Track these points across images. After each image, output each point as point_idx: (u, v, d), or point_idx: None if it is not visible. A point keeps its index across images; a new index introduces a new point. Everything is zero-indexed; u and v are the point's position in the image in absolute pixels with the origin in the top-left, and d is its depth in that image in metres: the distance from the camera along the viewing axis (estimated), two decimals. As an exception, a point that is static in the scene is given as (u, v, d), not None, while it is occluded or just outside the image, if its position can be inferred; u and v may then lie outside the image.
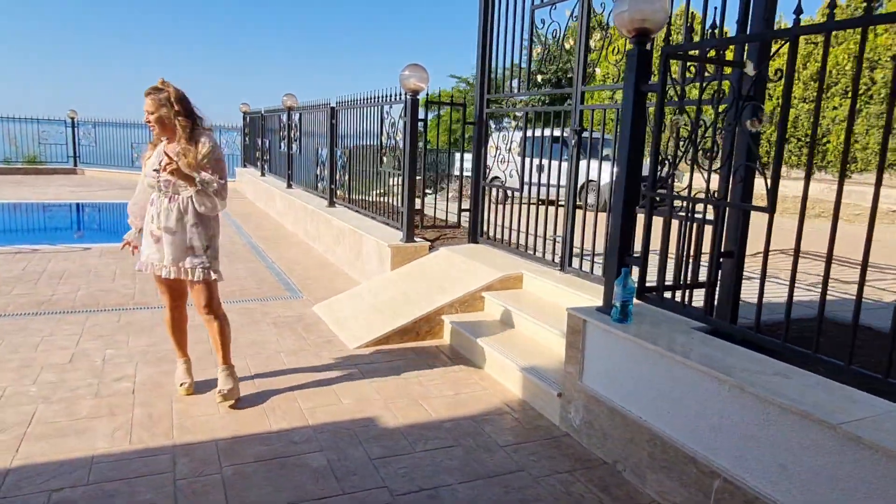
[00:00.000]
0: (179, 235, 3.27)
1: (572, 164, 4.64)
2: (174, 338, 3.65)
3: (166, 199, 3.26)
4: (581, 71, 4.51)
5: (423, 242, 5.79)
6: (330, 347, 4.43)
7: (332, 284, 6.25)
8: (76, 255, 7.00)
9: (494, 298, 4.68)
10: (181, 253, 3.29)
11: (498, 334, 4.30)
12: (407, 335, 4.57)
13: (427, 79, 5.43)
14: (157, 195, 3.28)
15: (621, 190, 3.05)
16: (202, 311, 3.45)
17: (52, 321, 4.72)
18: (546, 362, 3.80)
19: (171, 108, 3.20)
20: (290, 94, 10.22)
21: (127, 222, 3.60)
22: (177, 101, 3.21)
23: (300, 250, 7.98)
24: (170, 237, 3.26)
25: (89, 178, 16.23)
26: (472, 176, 5.92)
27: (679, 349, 2.66)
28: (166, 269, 3.31)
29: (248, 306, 5.39)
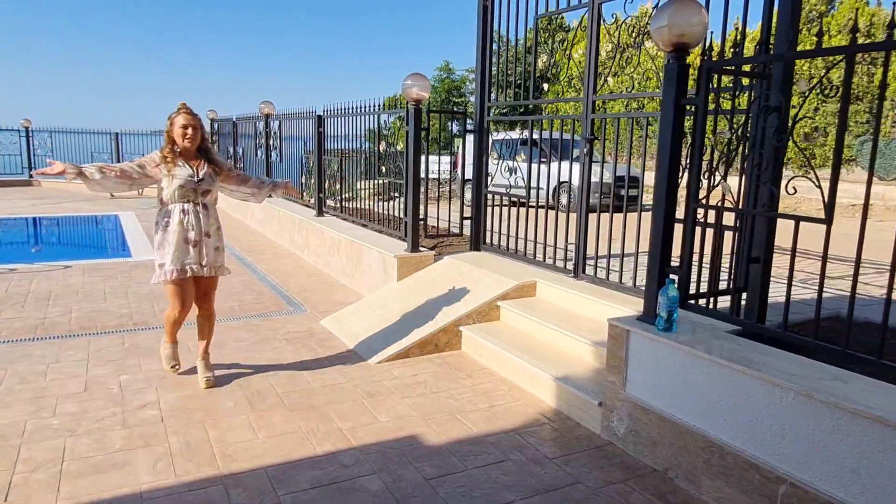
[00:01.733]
0: (213, 238, 3.81)
1: (585, 171, 4.70)
2: (174, 329, 4.01)
3: (202, 207, 3.75)
4: (592, 80, 4.57)
5: (429, 252, 5.76)
6: (350, 363, 4.37)
7: (333, 296, 6.17)
8: (57, 275, 6.71)
9: (510, 307, 4.70)
10: (213, 253, 3.80)
11: (520, 343, 4.31)
12: (426, 347, 4.55)
13: (429, 88, 5.42)
14: (191, 205, 3.72)
15: (661, 201, 3.10)
16: (209, 304, 3.96)
17: (53, 347, 4.52)
18: (577, 371, 3.83)
19: (203, 130, 3.85)
20: (267, 102, 10.03)
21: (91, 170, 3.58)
22: (203, 125, 3.86)
23: (290, 261, 7.85)
24: (207, 240, 3.77)
25: (48, 189, 15.58)
26: (472, 183, 5.93)
27: (735, 357, 2.72)
28: (206, 268, 3.77)
29: (254, 322, 5.27)
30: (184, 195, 3.67)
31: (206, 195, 3.77)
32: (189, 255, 3.70)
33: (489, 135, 5.83)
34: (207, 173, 3.78)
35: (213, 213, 3.83)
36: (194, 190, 3.70)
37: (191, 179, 3.69)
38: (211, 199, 3.84)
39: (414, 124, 5.47)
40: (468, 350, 4.62)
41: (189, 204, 3.70)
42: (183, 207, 3.69)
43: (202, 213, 3.74)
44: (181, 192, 3.66)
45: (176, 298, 3.77)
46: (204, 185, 3.74)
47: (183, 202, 3.69)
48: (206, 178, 3.77)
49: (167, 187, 3.68)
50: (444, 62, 27.57)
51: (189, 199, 3.69)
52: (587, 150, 4.65)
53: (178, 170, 3.69)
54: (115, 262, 7.41)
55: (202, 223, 3.73)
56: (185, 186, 3.66)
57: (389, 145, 6.42)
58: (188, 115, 3.69)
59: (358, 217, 7.47)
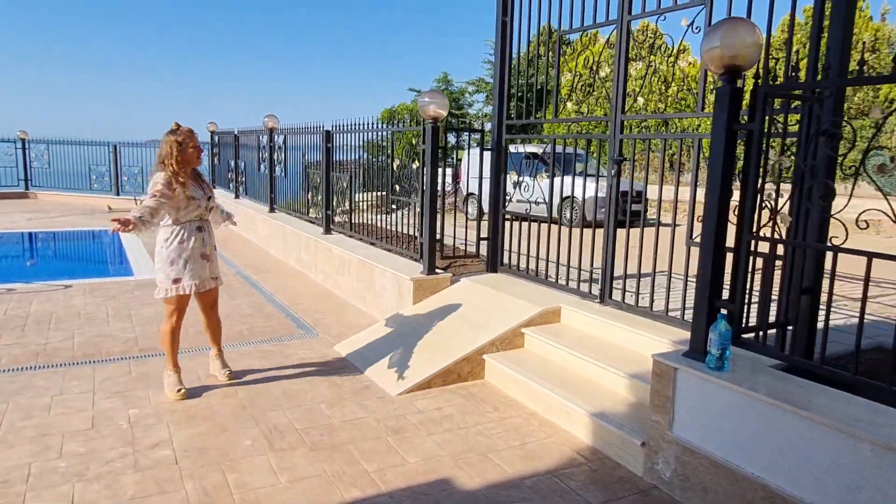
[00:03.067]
0: (216, 251, 4.15)
1: (611, 193, 4.53)
2: (174, 348, 4.07)
3: (208, 223, 4.06)
4: (621, 100, 4.41)
5: (445, 274, 5.57)
6: (370, 395, 4.16)
7: (344, 319, 5.97)
8: (58, 295, 6.49)
9: (535, 334, 4.51)
10: (216, 265, 4.12)
11: (548, 374, 4.12)
12: (449, 377, 4.35)
13: (447, 105, 5.25)
14: (203, 223, 3.99)
15: (712, 231, 2.93)
16: (215, 313, 4.27)
17: (56, 376, 4.30)
18: (613, 405, 3.64)
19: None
20: (271, 115, 9.86)
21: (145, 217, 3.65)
22: None
23: (297, 281, 7.64)
24: (214, 252, 4.11)
25: (44, 202, 15.34)
26: (490, 203, 5.75)
27: (798, 401, 2.54)
28: (214, 280, 4.09)
29: (265, 348, 5.06)
30: (200, 214, 3.96)
31: (211, 211, 4.09)
32: (205, 269, 3.99)
33: (507, 153, 5.66)
34: (211, 191, 4.13)
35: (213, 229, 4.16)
36: (207, 209, 4.01)
37: (205, 198, 3.98)
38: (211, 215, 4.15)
39: (431, 142, 5.30)
40: (492, 380, 4.42)
41: (202, 222, 3.99)
42: (198, 225, 3.96)
43: (208, 228, 4.06)
44: (199, 211, 3.94)
45: (179, 309, 3.99)
46: (211, 202, 4.06)
47: (196, 220, 3.95)
48: (212, 195, 4.11)
49: (184, 208, 3.86)
50: (442, 74, 27.45)
51: (202, 217, 3.99)
52: (615, 171, 4.48)
53: (193, 191, 3.91)
54: (116, 282, 7.19)
55: (213, 237, 4.10)
56: (202, 206, 3.95)
57: (402, 163, 6.24)
58: (195, 136, 3.94)
59: (365, 234, 7.28)
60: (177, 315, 4.00)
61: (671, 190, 11.98)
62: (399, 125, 6.56)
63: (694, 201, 3.94)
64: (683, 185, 13.01)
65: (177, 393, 3.98)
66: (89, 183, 15.88)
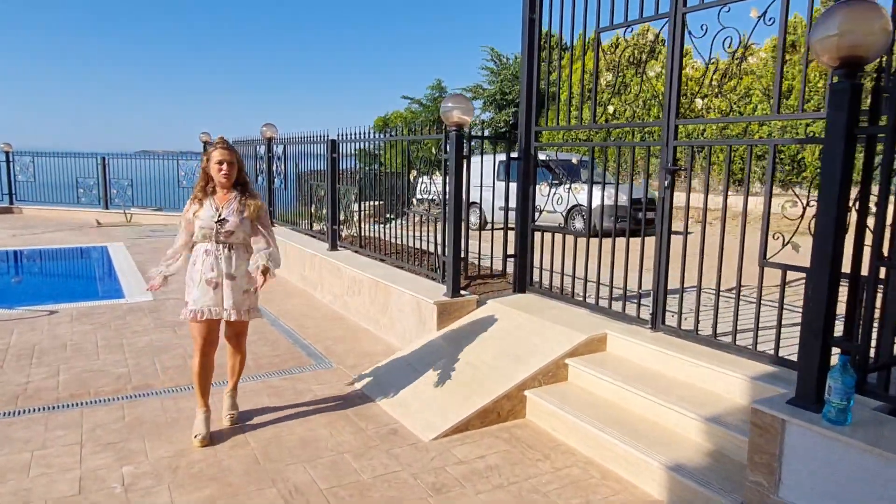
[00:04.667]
0: (238, 281, 3.59)
1: (665, 206, 4.04)
2: (202, 386, 3.67)
3: (225, 248, 3.55)
4: (675, 102, 3.93)
5: (471, 296, 5.06)
6: (400, 441, 3.64)
7: (359, 346, 5.44)
8: (42, 323, 5.92)
9: (580, 366, 4.01)
10: (239, 297, 3.60)
11: (601, 413, 3.62)
12: (487, 417, 3.84)
13: (472, 111, 4.76)
14: (213, 245, 3.54)
15: (826, 257, 2.44)
16: (237, 345, 3.82)
17: (38, 424, 3.75)
18: (690, 456, 3.14)
19: (239, 163, 3.64)
20: (269, 125, 9.34)
21: (162, 269, 3.65)
22: (240, 158, 3.68)
23: (302, 301, 7.10)
24: (231, 283, 3.56)
25: (29, 217, 14.70)
26: (517, 217, 5.26)
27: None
28: (227, 312, 3.57)
29: (274, 383, 4.53)
30: (206, 235, 3.54)
31: (229, 236, 3.55)
32: (209, 296, 3.53)
33: (537, 162, 5.17)
34: (234, 213, 3.56)
35: (241, 255, 3.62)
36: (215, 231, 3.52)
37: (211, 220, 3.53)
38: (238, 240, 3.59)
39: (455, 151, 4.80)
40: (536, 419, 3.91)
41: (212, 244, 3.55)
42: (206, 248, 3.56)
43: (225, 254, 3.56)
44: (203, 233, 3.54)
45: (198, 337, 3.59)
46: (227, 225, 3.53)
47: (206, 242, 3.56)
48: (231, 218, 3.55)
49: (196, 230, 3.57)
50: (435, 81, 26.97)
51: (211, 239, 3.54)
52: (668, 182, 4.00)
53: (203, 210, 3.56)
54: (107, 305, 6.62)
55: (223, 265, 3.55)
56: (205, 227, 3.53)
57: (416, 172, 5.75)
58: (224, 150, 3.55)
59: (373, 250, 6.77)
60: (197, 345, 3.58)
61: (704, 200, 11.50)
62: (406, 133, 6.07)
63: (768, 214, 3.46)
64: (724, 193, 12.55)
65: (194, 439, 3.53)
66: (77, 197, 15.25)
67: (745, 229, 3.63)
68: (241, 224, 3.55)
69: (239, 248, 3.60)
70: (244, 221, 3.57)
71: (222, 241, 3.54)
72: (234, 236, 3.55)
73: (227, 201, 3.58)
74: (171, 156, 15.42)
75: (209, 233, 3.51)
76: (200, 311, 3.52)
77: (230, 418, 3.81)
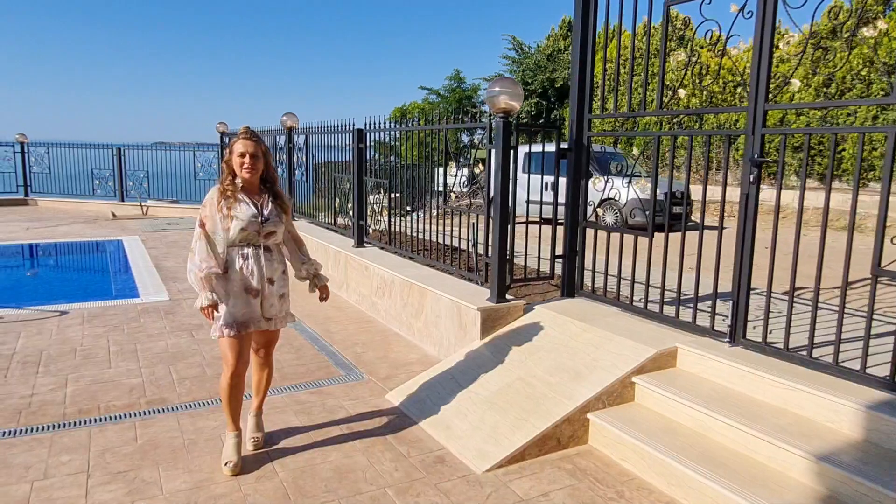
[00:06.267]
0: (277, 285, 3.23)
1: (749, 203, 3.53)
2: (232, 407, 3.22)
3: (263, 250, 3.15)
4: (764, 84, 3.41)
5: (518, 302, 4.58)
6: (448, 471, 3.18)
7: (391, 354, 4.98)
8: (51, 324, 5.53)
9: (650, 385, 3.53)
10: (278, 302, 3.24)
11: (681, 443, 3.14)
12: (546, 444, 3.37)
13: (521, 96, 4.27)
14: (252, 249, 3.12)
15: None
16: (266, 357, 3.42)
17: (41, 446, 3.34)
18: (799, 501, 2.65)
19: (266, 157, 3.19)
20: (290, 114, 8.88)
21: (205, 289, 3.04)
22: (267, 151, 3.21)
23: (327, 302, 6.63)
24: (271, 287, 3.19)
25: (44, 209, 14.41)
26: (566, 214, 4.76)
27: None
28: (271, 321, 3.22)
29: (301, 398, 4.09)
30: (246, 238, 3.11)
31: (269, 237, 3.17)
32: (250, 307, 3.13)
33: (589, 154, 4.66)
34: (273, 211, 3.18)
35: (276, 256, 3.25)
36: (258, 232, 3.12)
37: (255, 220, 3.10)
38: (275, 240, 3.23)
39: (503, 141, 4.31)
40: (601, 446, 3.43)
41: (250, 248, 3.14)
42: (243, 252, 3.13)
43: (264, 256, 3.16)
44: (243, 234, 3.09)
45: (231, 353, 3.11)
46: (269, 225, 3.15)
47: (243, 246, 3.13)
48: (272, 217, 3.17)
49: (231, 229, 3.09)
50: (454, 71, 26.42)
51: (251, 241, 3.13)
52: (754, 176, 3.49)
53: (240, 208, 3.09)
54: (120, 305, 6.23)
55: (264, 268, 3.15)
56: (247, 228, 3.09)
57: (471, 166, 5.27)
58: (247, 140, 3.08)
59: (400, 246, 6.32)
60: (228, 363, 3.13)
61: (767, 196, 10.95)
62: (467, 124, 5.58)
63: (885, 215, 2.94)
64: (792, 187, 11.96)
65: (224, 466, 3.13)
66: (92, 188, 14.94)
67: (853, 231, 3.10)
68: (280, 225, 3.21)
69: (275, 248, 3.25)
70: (281, 223, 3.22)
71: (261, 243, 3.15)
72: (274, 237, 3.20)
73: (261, 200, 3.18)
74: (188, 147, 15.06)
75: (250, 234, 3.10)
76: (241, 324, 3.09)
77: (255, 442, 3.38)
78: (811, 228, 11.12)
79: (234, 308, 3.09)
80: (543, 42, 24.20)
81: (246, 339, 3.16)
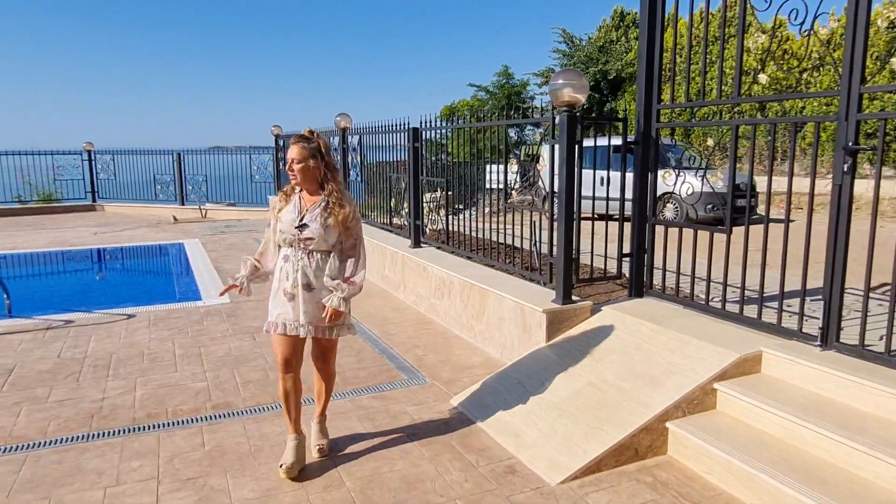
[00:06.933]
0: (316, 293, 3.12)
1: (843, 194, 3.26)
2: (289, 410, 3.23)
3: (305, 254, 3.11)
4: (860, 64, 3.13)
5: (585, 303, 4.40)
6: (521, 482, 3.04)
7: (453, 356, 4.87)
8: (119, 328, 5.65)
9: (733, 392, 3.29)
10: (318, 310, 3.12)
11: (772, 456, 2.90)
12: (623, 455, 3.18)
13: (586, 88, 4.09)
14: (293, 251, 3.13)
15: None
16: (325, 366, 3.34)
17: (113, 452, 3.36)
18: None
19: (321, 161, 3.10)
20: (343, 115, 8.89)
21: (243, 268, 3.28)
22: (326, 153, 3.13)
23: (383, 302, 6.61)
24: (307, 294, 3.11)
25: (110, 214, 14.95)
26: (634, 210, 4.54)
27: None
28: (303, 327, 3.12)
29: (364, 402, 4.02)
30: (287, 240, 3.14)
31: (308, 243, 3.10)
32: (285, 308, 3.12)
33: (658, 147, 4.43)
34: (315, 219, 3.09)
35: (321, 263, 3.12)
36: (295, 236, 3.10)
37: (291, 224, 3.11)
38: (315, 247, 3.11)
39: (567, 135, 4.13)
40: (681, 458, 3.23)
41: (291, 249, 3.13)
42: (285, 253, 3.16)
43: (305, 260, 3.10)
44: (282, 236, 3.15)
45: (276, 352, 3.19)
46: (307, 231, 3.08)
47: (286, 247, 3.16)
48: (313, 225, 3.08)
49: (276, 229, 3.20)
50: (502, 67, 26.10)
51: (292, 244, 3.13)
52: (848, 165, 3.21)
53: (287, 210, 3.15)
54: (183, 309, 6.33)
55: (300, 273, 3.09)
56: (285, 231, 3.13)
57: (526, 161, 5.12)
58: (296, 146, 3.07)
59: (456, 246, 6.22)
60: (278, 363, 3.18)
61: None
62: (526, 120, 5.42)
63: None
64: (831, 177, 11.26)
65: (280, 468, 3.11)
66: (154, 193, 15.41)
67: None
68: (324, 233, 3.09)
69: (321, 254, 3.14)
70: (329, 230, 3.10)
71: (302, 248, 3.11)
72: (316, 244, 3.10)
73: (313, 204, 3.13)
74: (243, 150, 15.36)
75: (290, 238, 3.11)
76: (275, 324, 3.15)
77: (320, 449, 3.32)
78: (888, 220, 10.47)
79: (273, 307, 3.16)
80: (595, 34, 23.69)
81: (290, 340, 3.14)
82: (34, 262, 9.28)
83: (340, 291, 3.07)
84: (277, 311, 3.14)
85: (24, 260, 9.35)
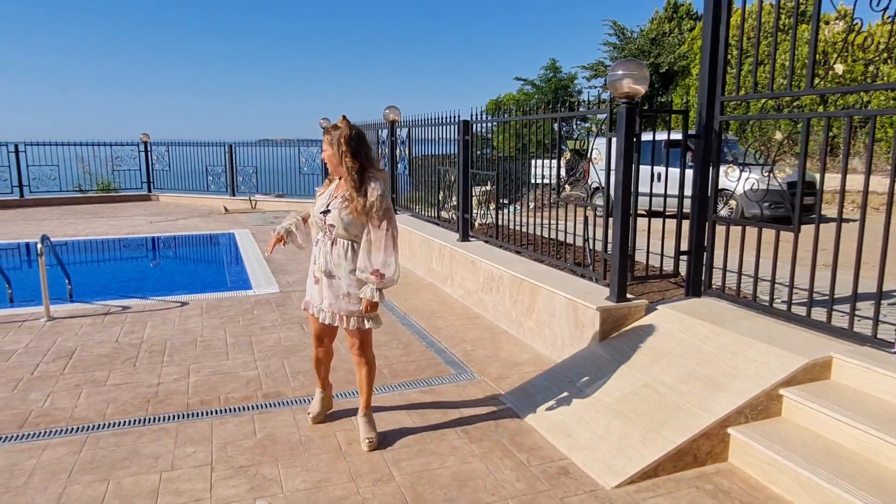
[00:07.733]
0: (337, 281, 3.18)
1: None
2: (319, 372, 3.58)
3: (329, 241, 3.18)
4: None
5: (640, 301, 4.27)
6: (574, 486, 2.96)
7: (501, 352, 4.80)
8: (173, 315, 5.78)
9: (800, 399, 3.13)
10: (337, 299, 3.19)
11: (845, 469, 2.74)
12: (682, 460, 3.06)
13: (646, 79, 3.94)
14: (322, 236, 3.22)
15: None
16: (358, 355, 3.33)
17: (167, 437, 3.42)
18: None
19: (339, 148, 3.08)
20: (392, 107, 8.88)
21: (286, 220, 3.47)
22: (345, 142, 3.06)
23: (430, 296, 6.58)
24: (328, 281, 3.20)
25: (165, 204, 15.39)
26: (693, 206, 4.38)
27: None
28: (323, 313, 3.25)
29: (412, 396, 3.99)
30: (315, 224, 3.28)
31: (331, 230, 3.17)
32: (312, 290, 3.34)
33: (721, 140, 4.25)
34: (337, 206, 3.13)
35: (344, 252, 3.16)
36: (323, 223, 3.20)
37: (319, 209, 3.23)
38: (338, 235, 3.16)
39: (626, 128, 4.00)
40: (743, 465, 3.09)
41: (321, 234, 3.25)
42: (317, 238, 3.30)
43: (329, 247, 3.20)
44: (313, 220, 3.31)
45: (311, 327, 3.46)
46: (329, 218, 3.16)
47: (319, 232, 3.27)
48: (333, 210, 3.14)
49: None
50: (549, 61, 25.76)
51: (321, 229, 3.23)
52: (934, 161, 3.00)
53: (321, 196, 3.30)
54: (234, 297, 6.43)
55: (322, 261, 3.23)
56: (314, 215, 3.27)
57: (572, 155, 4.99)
58: (325, 137, 3.15)
59: (504, 240, 6.14)
60: (313, 338, 3.49)
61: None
62: (585, 111, 5.30)
63: None
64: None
65: (307, 415, 3.63)
66: (206, 184, 15.78)
67: None
68: (342, 220, 3.10)
69: (346, 244, 3.16)
70: (346, 219, 3.09)
71: (327, 235, 3.21)
72: (337, 231, 3.15)
73: (342, 191, 3.16)
74: (291, 143, 15.58)
75: (318, 223, 3.24)
76: (307, 302, 3.40)
77: (369, 443, 3.30)
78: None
79: (308, 285, 3.37)
80: (646, 26, 23.14)
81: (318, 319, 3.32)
82: (93, 250, 9.61)
83: (373, 283, 3.04)
84: (309, 291, 3.36)
85: (84, 247, 9.69)
